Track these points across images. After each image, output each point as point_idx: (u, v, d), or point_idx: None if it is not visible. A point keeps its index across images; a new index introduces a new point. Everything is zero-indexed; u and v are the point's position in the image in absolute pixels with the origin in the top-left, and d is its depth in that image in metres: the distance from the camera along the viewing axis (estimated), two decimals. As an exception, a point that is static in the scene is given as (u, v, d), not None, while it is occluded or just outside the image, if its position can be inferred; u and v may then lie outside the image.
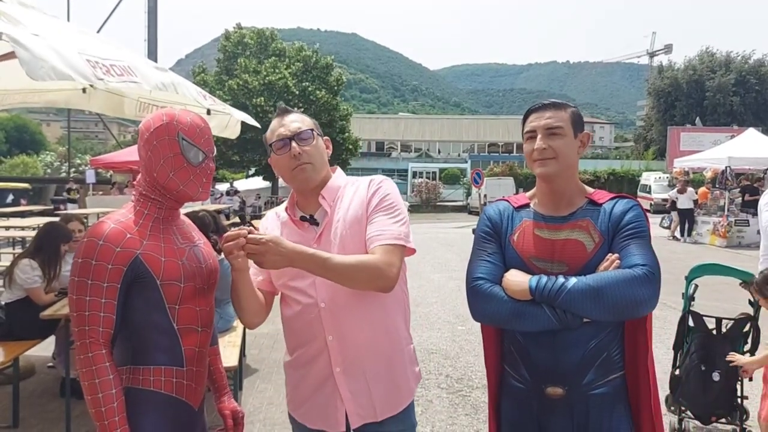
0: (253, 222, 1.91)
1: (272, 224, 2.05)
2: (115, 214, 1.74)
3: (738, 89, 47.94)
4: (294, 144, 1.91)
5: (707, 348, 3.86)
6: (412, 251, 1.96)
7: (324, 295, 1.88)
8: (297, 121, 1.95)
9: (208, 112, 5.17)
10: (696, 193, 17.45)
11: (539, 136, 1.88)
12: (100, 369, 1.60)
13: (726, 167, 16.25)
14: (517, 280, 1.83)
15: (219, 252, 2.44)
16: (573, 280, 1.75)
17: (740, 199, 16.72)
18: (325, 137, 2.06)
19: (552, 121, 1.87)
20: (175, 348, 1.76)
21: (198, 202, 2.06)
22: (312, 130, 1.95)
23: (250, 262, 1.92)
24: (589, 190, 2.00)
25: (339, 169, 2.10)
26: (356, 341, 1.91)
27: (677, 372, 4.00)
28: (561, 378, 1.84)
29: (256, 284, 1.97)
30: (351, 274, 1.78)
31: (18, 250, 10.32)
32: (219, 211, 13.20)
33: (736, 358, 3.69)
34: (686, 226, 17.16)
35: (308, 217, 1.97)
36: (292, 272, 1.88)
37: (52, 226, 5.18)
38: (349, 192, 2.00)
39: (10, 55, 3.74)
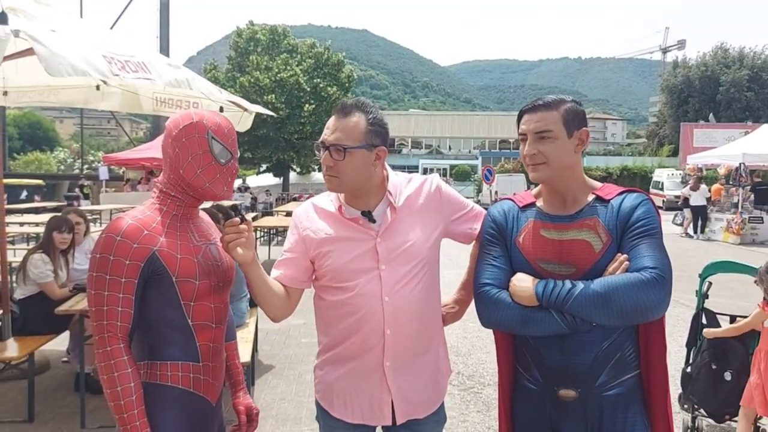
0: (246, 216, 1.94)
1: (316, 218, 2.01)
2: (133, 211, 1.75)
3: (752, 85, 47.43)
4: (326, 154, 1.89)
5: (719, 346, 3.84)
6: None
7: (389, 289, 1.89)
8: (344, 129, 1.87)
9: (221, 109, 5.19)
10: (709, 190, 17.30)
11: (528, 141, 1.85)
12: (118, 363, 1.62)
13: (740, 164, 16.11)
14: (523, 286, 1.80)
15: None
16: (580, 286, 1.72)
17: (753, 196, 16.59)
18: (380, 147, 1.93)
19: (540, 124, 1.82)
20: (190, 344, 1.77)
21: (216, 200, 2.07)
22: (345, 147, 1.85)
23: (284, 258, 1.99)
24: (597, 185, 1.94)
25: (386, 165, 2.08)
26: (409, 336, 1.94)
27: (689, 369, 3.97)
28: (573, 380, 1.81)
29: (282, 279, 1.99)
30: None
31: (32, 246, 10.41)
32: (235, 207, 13.23)
33: (707, 331, 3.81)
34: (699, 223, 17.04)
35: (368, 213, 1.95)
36: (357, 265, 1.90)
37: (50, 218, 5.25)
38: (402, 188, 2.03)
39: (25, 53, 3.77)
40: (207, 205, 5.21)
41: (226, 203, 5.83)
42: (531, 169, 1.88)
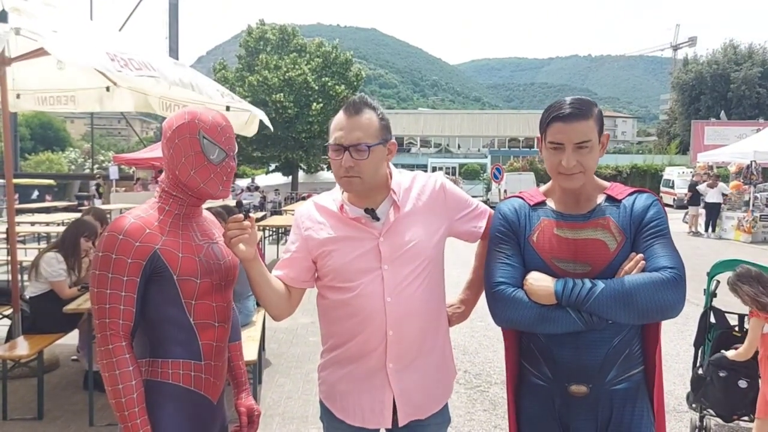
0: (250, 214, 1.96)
1: (318, 217, 1.98)
2: (136, 210, 1.76)
3: (764, 82, 47.06)
4: (347, 155, 1.84)
5: (730, 348, 3.80)
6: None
7: (392, 289, 1.87)
8: (361, 128, 1.84)
9: (227, 109, 5.21)
10: (728, 187, 17.15)
11: (568, 151, 1.79)
12: (120, 361, 1.63)
13: (751, 161, 15.98)
14: (540, 284, 1.79)
15: None
16: (601, 285, 1.72)
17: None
18: (391, 141, 1.93)
19: (582, 135, 1.78)
20: (192, 342, 1.78)
21: (218, 200, 2.07)
22: (369, 145, 1.83)
23: (286, 258, 1.98)
24: (606, 184, 1.95)
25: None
26: (412, 337, 1.91)
27: (700, 371, 3.93)
28: (584, 376, 1.82)
29: (284, 279, 1.97)
30: None
31: (43, 245, 10.50)
32: (240, 204, 13.27)
33: (730, 355, 3.71)
34: (710, 221, 16.93)
35: (371, 211, 1.92)
36: (359, 264, 1.88)
37: (76, 220, 5.29)
38: (406, 187, 2.00)
39: (34, 54, 3.80)
40: (216, 204, 5.26)
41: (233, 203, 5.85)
42: (565, 179, 1.83)
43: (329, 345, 2.03)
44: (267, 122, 5.98)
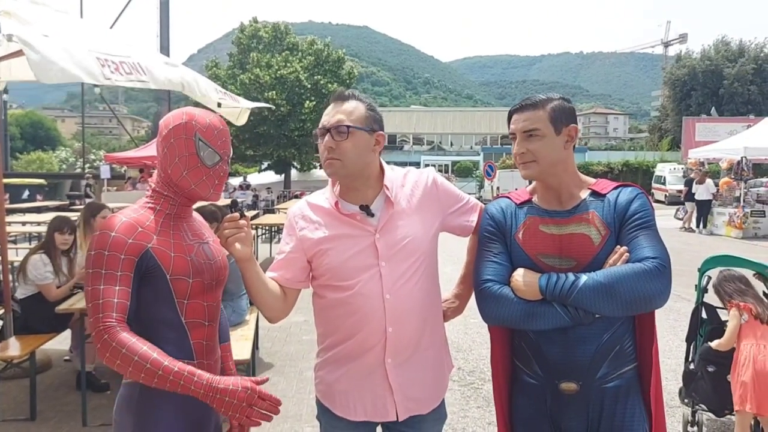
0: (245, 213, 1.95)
1: (312, 216, 1.98)
2: (127, 210, 1.75)
3: (755, 78, 47.30)
4: (328, 137, 1.88)
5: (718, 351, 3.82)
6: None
7: (390, 286, 1.88)
8: (344, 112, 1.89)
9: (219, 105, 5.19)
10: (716, 184, 17.22)
11: (517, 140, 1.90)
12: (131, 347, 1.55)
13: (742, 157, 16.06)
14: (525, 280, 1.81)
15: None
16: (584, 278, 1.73)
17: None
18: (379, 133, 1.95)
19: (527, 123, 1.87)
20: (184, 341, 1.77)
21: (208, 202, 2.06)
22: (349, 126, 1.87)
23: (281, 258, 1.97)
24: (591, 180, 1.97)
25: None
26: (411, 332, 1.93)
27: (692, 366, 3.96)
28: (574, 373, 1.83)
29: (279, 280, 1.96)
30: None
31: (34, 245, 10.42)
32: (234, 203, 13.24)
33: (713, 344, 3.78)
34: (701, 217, 17.00)
35: (366, 207, 1.93)
36: (356, 262, 1.88)
37: (53, 218, 5.23)
38: (399, 182, 2.00)
39: (20, 53, 3.77)
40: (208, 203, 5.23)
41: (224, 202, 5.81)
42: (521, 167, 1.92)
43: (326, 344, 2.03)
44: (264, 106, 6.36)
